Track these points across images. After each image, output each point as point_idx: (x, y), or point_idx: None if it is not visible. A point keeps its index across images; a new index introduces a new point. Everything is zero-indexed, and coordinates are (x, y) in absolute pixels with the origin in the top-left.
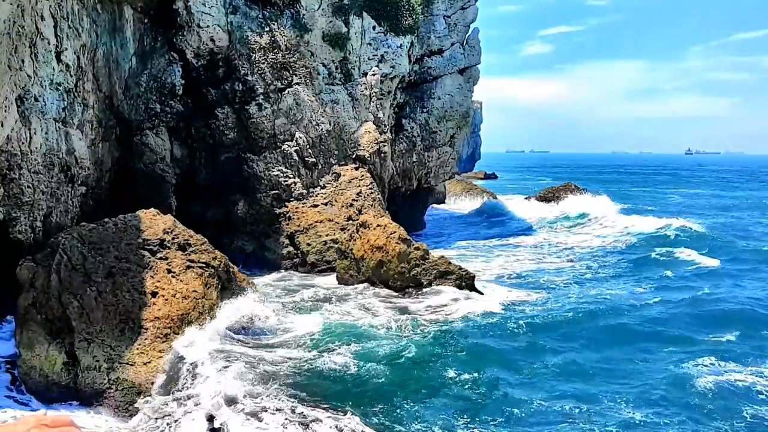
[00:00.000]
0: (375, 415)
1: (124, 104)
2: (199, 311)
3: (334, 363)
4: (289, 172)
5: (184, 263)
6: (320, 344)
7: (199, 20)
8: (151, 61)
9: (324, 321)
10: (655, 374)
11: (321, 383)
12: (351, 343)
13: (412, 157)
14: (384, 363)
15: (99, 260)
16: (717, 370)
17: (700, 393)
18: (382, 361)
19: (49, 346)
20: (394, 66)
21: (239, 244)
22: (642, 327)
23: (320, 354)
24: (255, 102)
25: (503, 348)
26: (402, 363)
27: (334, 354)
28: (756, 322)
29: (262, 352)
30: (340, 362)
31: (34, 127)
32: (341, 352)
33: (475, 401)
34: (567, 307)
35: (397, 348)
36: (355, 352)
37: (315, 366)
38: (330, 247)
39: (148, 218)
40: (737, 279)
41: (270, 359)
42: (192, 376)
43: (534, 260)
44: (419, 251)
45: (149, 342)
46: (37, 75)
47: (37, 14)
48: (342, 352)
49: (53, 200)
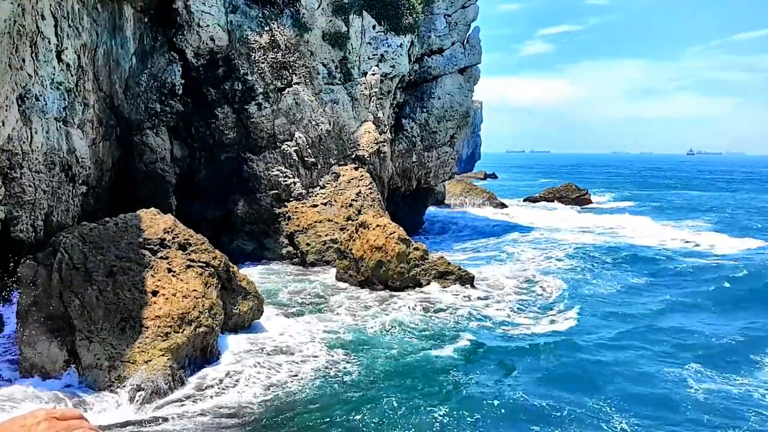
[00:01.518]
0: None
1: (125, 104)
2: (199, 310)
3: (333, 367)
4: (289, 172)
5: (184, 262)
6: (317, 350)
7: (199, 19)
8: (151, 61)
9: (322, 325)
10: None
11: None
12: (348, 348)
13: (411, 157)
14: (377, 367)
15: (100, 259)
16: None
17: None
18: (375, 365)
19: (50, 344)
20: (394, 65)
21: (239, 244)
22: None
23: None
24: (255, 102)
25: (501, 349)
26: (397, 366)
27: (332, 359)
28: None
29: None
30: (338, 367)
31: (35, 126)
32: (340, 357)
33: (474, 405)
34: (569, 308)
35: (390, 351)
36: (350, 357)
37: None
38: (329, 247)
39: (148, 218)
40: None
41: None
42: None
43: (533, 261)
44: (418, 251)
45: (150, 340)
46: (37, 74)
47: (37, 13)
48: (339, 356)
49: (54, 199)
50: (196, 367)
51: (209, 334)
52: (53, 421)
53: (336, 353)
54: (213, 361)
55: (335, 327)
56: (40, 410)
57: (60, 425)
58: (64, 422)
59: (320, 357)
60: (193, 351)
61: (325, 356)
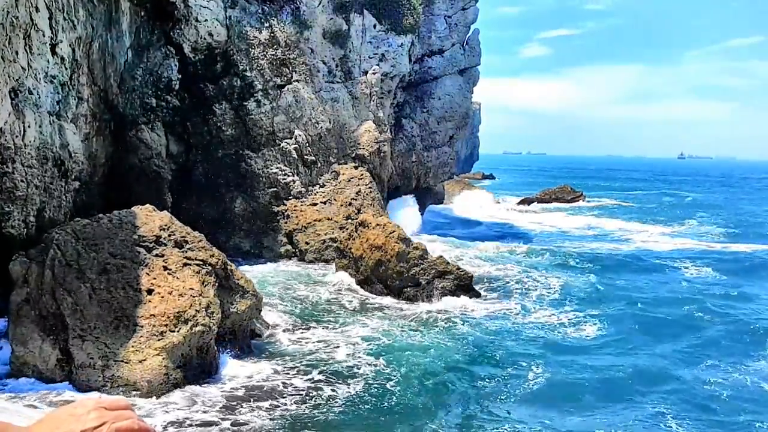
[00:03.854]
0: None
1: (119, 98)
2: (195, 309)
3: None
4: (288, 170)
5: (180, 260)
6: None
7: (197, 14)
8: (147, 55)
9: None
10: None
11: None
12: (345, 350)
13: (411, 157)
14: (381, 366)
15: (93, 256)
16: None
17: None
18: (384, 368)
19: (42, 343)
20: (394, 65)
21: (236, 242)
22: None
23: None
24: (254, 98)
25: (499, 348)
26: (398, 365)
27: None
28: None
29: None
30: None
31: (28, 120)
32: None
33: (475, 405)
34: (566, 307)
35: (391, 351)
36: (360, 359)
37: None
38: (329, 245)
39: (144, 214)
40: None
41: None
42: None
43: (528, 262)
44: (418, 251)
45: (144, 340)
46: (31, 67)
47: (32, 5)
48: (333, 358)
49: (46, 195)
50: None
51: (206, 333)
52: (102, 411)
53: (337, 352)
54: (212, 362)
55: (337, 326)
56: (89, 400)
57: (109, 415)
58: (114, 412)
59: (319, 354)
60: (189, 351)
61: (323, 355)
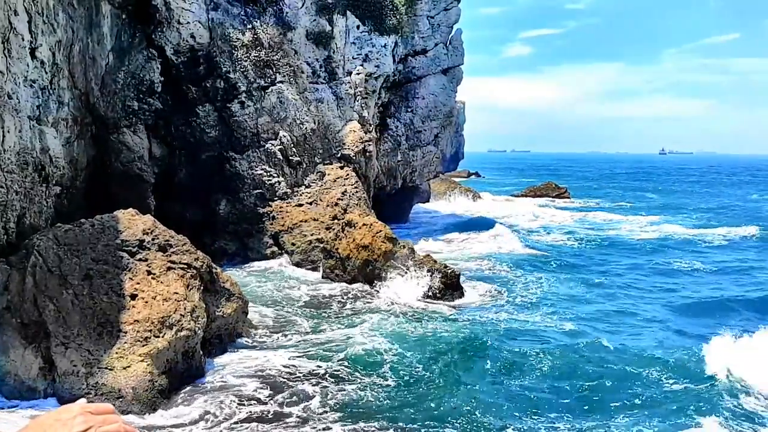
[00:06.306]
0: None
1: (101, 101)
2: (180, 313)
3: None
4: (273, 171)
5: (164, 264)
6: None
7: (179, 16)
8: (128, 58)
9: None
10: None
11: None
12: (332, 348)
13: (396, 156)
14: (361, 367)
15: (75, 262)
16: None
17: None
18: (359, 365)
19: (24, 351)
20: (378, 65)
21: (221, 245)
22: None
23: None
24: (237, 100)
25: (485, 346)
26: (385, 364)
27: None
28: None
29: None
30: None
31: (8, 125)
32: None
33: (460, 402)
34: (554, 304)
35: (380, 351)
36: (346, 359)
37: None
38: (315, 246)
39: (126, 218)
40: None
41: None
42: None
43: (515, 259)
44: (405, 249)
45: (128, 346)
46: (10, 71)
47: (10, 9)
48: (323, 355)
49: (27, 200)
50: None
51: (192, 337)
52: (88, 416)
53: (325, 353)
54: (198, 367)
55: (323, 328)
56: (75, 405)
57: (95, 419)
58: (100, 416)
59: (307, 358)
60: (174, 356)
61: (315, 359)
